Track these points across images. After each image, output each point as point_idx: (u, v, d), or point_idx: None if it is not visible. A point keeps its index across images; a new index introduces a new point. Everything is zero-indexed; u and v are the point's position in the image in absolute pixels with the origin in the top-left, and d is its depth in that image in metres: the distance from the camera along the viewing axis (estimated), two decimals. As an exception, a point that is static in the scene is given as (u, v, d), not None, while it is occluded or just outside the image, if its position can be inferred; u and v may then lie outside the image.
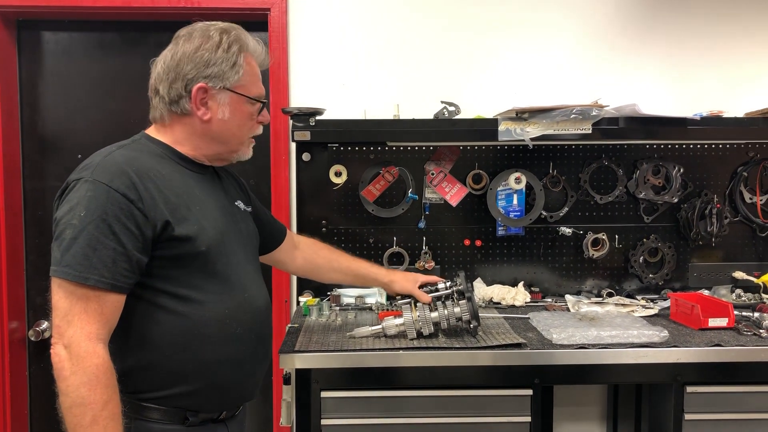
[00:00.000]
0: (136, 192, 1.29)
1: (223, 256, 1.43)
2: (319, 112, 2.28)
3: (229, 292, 1.43)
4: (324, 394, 1.81)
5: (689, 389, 1.86)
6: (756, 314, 2.10)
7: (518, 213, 2.47)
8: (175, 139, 1.46)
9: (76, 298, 1.23)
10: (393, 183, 2.48)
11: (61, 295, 1.24)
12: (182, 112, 1.43)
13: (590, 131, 2.18)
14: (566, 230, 2.49)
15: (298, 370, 1.79)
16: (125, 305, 1.32)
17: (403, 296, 1.94)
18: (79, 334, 1.23)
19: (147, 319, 1.34)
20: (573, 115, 2.16)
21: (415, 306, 1.88)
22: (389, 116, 2.39)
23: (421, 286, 1.94)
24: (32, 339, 2.61)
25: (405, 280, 1.95)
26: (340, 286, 2.42)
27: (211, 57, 1.41)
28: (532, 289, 2.49)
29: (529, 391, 1.83)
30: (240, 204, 1.63)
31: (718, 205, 2.47)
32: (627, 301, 2.36)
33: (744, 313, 2.14)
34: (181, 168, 1.45)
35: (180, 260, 1.35)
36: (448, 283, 1.94)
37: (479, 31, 2.55)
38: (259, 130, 1.56)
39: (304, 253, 1.95)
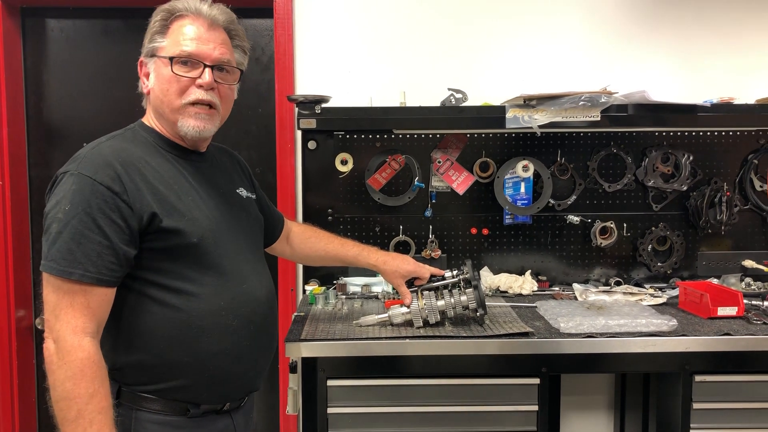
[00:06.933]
0: (121, 184, 1.29)
1: (218, 247, 1.41)
2: (324, 99, 2.26)
3: (224, 283, 1.41)
4: (330, 382, 1.81)
5: (698, 378, 1.85)
6: (766, 303, 2.08)
7: (526, 201, 2.45)
8: (153, 122, 1.47)
9: (63, 292, 1.23)
10: (399, 171, 2.46)
11: (49, 289, 1.25)
12: (141, 91, 1.48)
13: (599, 118, 2.16)
14: (574, 218, 2.47)
15: (304, 359, 1.79)
16: (119, 298, 1.31)
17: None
18: (66, 329, 1.22)
19: (141, 311, 1.34)
20: (581, 102, 2.13)
21: (422, 294, 1.87)
22: (396, 104, 2.37)
23: (415, 279, 1.90)
24: (39, 327, 2.62)
25: (394, 274, 1.89)
26: (346, 274, 2.42)
27: (147, 32, 1.45)
28: (540, 277, 2.48)
29: (537, 380, 1.83)
30: (242, 191, 1.61)
31: (728, 193, 2.45)
32: (635, 289, 2.34)
33: (753, 302, 2.12)
34: (172, 157, 1.44)
35: (171, 252, 1.34)
36: (454, 272, 1.92)
37: (487, 17, 2.52)
38: (197, 93, 1.40)
39: (293, 243, 1.93)
